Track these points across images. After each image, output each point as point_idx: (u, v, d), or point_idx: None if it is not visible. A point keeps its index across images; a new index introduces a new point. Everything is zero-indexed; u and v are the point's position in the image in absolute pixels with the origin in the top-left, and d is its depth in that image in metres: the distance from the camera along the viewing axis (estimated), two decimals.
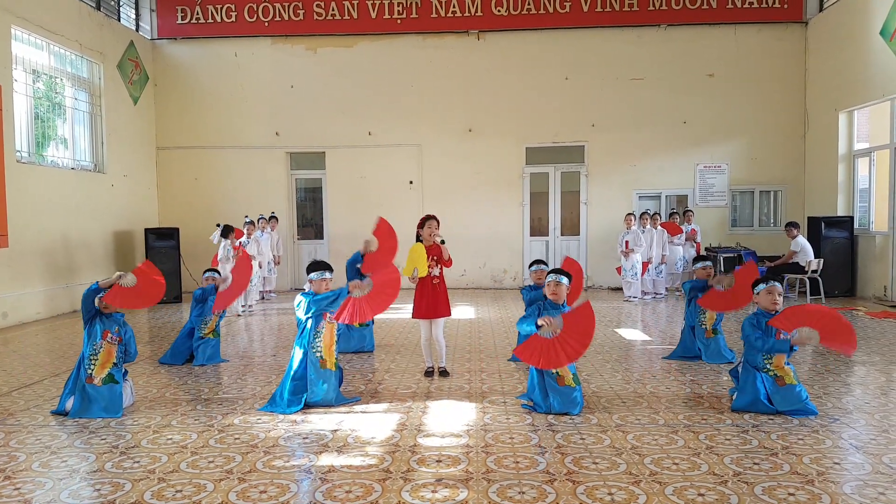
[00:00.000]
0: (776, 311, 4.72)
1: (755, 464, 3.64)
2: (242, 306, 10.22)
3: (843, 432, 4.17)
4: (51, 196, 10.22)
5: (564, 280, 4.89)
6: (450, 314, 5.89)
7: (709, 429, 4.27)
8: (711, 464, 3.65)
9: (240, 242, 10.16)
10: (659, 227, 11.48)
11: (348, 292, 4.97)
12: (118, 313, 5.03)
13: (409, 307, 5.88)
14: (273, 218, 12.08)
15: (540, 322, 4.59)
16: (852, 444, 3.97)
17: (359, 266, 6.50)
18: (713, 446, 3.94)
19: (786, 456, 3.76)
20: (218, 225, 10.21)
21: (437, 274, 5.76)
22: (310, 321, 4.92)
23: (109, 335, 4.87)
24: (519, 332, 5.07)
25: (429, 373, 5.92)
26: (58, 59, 10.86)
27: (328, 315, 4.99)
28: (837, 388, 5.31)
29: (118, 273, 4.96)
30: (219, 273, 6.93)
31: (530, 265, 6.58)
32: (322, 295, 4.93)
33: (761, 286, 4.83)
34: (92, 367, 4.81)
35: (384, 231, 6.62)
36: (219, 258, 9.87)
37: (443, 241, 5.77)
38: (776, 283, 4.79)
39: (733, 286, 6.14)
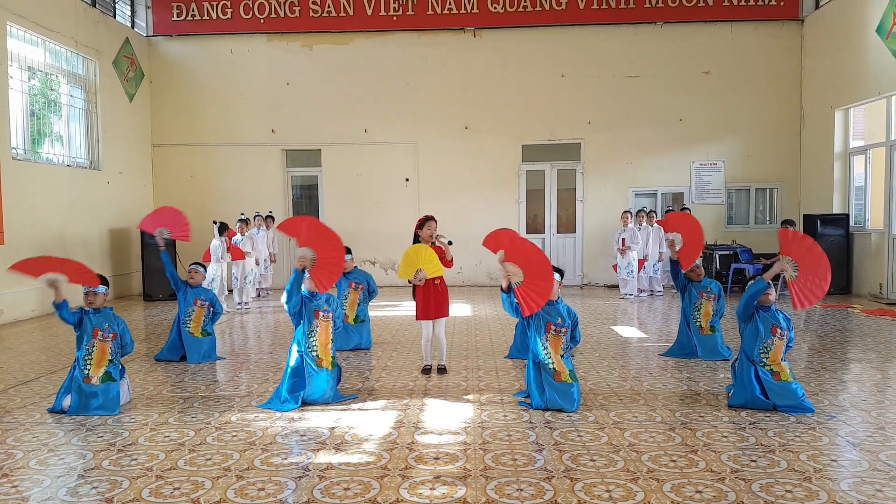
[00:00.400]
0: (769, 305, 4.78)
1: (752, 461, 3.65)
2: (238, 304, 10.20)
3: (840, 429, 4.19)
4: (46, 193, 10.18)
5: (556, 276, 4.89)
6: (447, 314, 5.90)
7: (706, 426, 4.28)
8: (709, 461, 3.66)
9: (231, 240, 10.16)
10: (655, 225, 11.48)
11: (300, 269, 4.94)
12: (106, 307, 4.99)
13: (404, 304, 5.88)
14: (269, 217, 12.04)
15: (504, 284, 4.81)
16: (849, 441, 3.98)
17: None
18: (710, 443, 3.95)
19: (783, 453, 3.77)
20: (214, 222, 10.20)
21: (439, 274, 5.77)
22: (302, 320, 4.93)
23: (100, 333, 4.84)
24: (511, 314, 5.09)
25: (426, 370, 5.92)
26: (53, 55, 10.81)
27: (321, 312, 4.97)
28: (833, 385, 5.33)
29: (46, 280, 4.77)
30: (204, 267, 6.88)
31: None
32: (286, 288, 4.93)
33: (751, 283, 4.91)
34: (88, 367, 4.79)
35: (289, 227, 5.83)
36: (211, 255, 9.88)
37: (450, 242, 5.79)
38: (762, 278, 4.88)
39: (682, 236, 6.45)
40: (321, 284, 5.01)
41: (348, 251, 6.87)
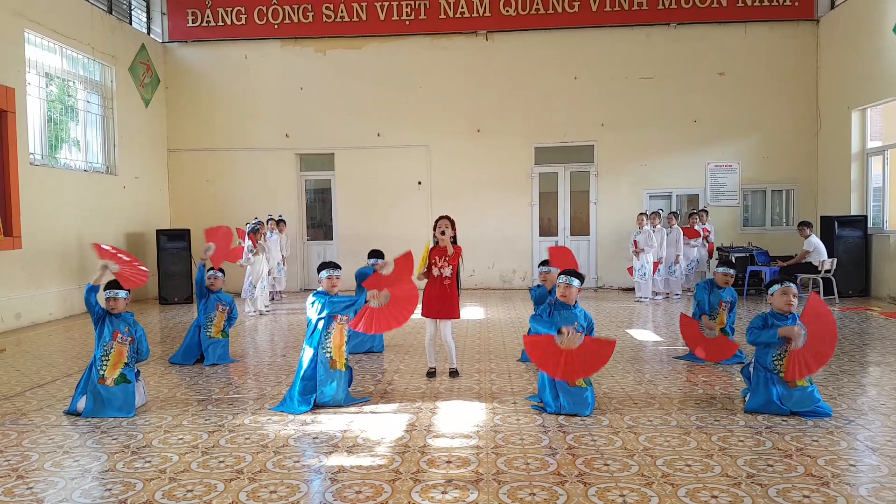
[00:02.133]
0: (791, 313, 4.66)
1: (769, 465, 3.60)
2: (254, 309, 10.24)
3: (859, 434, 4.12)
4: (64, 198, 10.30)
5: (575, 282, 4.85)
6: (457, 317, 5.85)
7: (721, 430, 4.23)
8: (725, 465, 3.61)
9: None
10: (675, 226, 11.36)
11: (366, 301, 4.97)
12: (127, 313, 5.04)
13: (416, 308, 5.85)
14: (281, 221, 12.09)
15: (562, 331, 4.62)
16: (868, 445, 3.92)
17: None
18: (726, 448, 3.90)
19: (800, 457, 3.71)
20: (247, 224, 10.33)
21: (448, 275, 5.73)
22: (321, 322, 4.92)
23: (119, 335, 4.89)
24: (531, 328, 5.07)
25: (431, 373, 5.90)
26: (70, 62, 10.94)
27: (339, 316, 4.99)
28: (852, 388, 5.25)
29: (101, 264, 5.03)
30: (222, 272, 6.94)
31: (539, 265, 6.58)
32: (339, 298, 4.97)
33: (776, 287, 4.74)
34: (104, 368, 4.83)
35: (403, 265, 5.62)
36: (242, 259, 9.97)
37: (437, 242, 5.74)
38: (791, 284, 4.70)
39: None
40: (360, 322, 5.18)
41: (380, 255, 6.82)
